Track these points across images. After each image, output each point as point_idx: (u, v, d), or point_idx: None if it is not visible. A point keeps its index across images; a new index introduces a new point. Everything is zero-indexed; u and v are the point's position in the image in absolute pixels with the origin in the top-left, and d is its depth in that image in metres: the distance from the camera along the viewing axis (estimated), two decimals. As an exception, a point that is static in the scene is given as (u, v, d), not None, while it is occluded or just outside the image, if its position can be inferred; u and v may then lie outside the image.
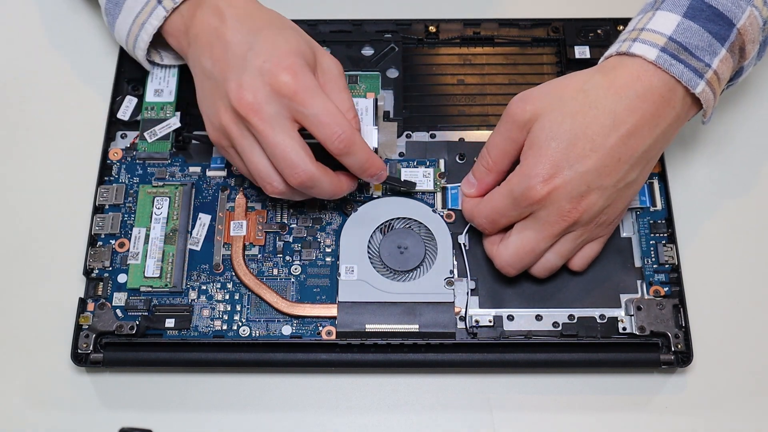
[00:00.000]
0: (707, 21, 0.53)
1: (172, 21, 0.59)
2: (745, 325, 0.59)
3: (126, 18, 0.60)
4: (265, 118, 0.52)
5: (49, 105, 0.67)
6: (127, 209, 0.61)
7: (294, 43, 0.54)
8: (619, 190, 0.54)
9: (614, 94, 0.52)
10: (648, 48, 0.53)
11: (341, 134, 0.53)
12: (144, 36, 0.60)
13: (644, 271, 0.59)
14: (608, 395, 0.57)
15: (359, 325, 0.57)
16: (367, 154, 0.55)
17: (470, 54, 0.68)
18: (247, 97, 0.52)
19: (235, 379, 0.58)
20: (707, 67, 0.53)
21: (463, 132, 0.64)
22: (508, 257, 0.55)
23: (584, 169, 0.52)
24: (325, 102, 0.53)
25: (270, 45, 0.54)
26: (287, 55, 0.53)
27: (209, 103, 0.56)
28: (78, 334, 0.57)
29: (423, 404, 0.57)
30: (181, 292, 0.59)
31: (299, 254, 0.60)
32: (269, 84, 0.52)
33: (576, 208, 0.52)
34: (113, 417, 0.56)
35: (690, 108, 0.55)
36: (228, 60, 0.54)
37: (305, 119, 0.53)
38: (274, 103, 0.53)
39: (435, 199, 0.62)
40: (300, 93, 0.52)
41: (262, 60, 0.53)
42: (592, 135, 0.52)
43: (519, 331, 0.57)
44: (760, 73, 0.68)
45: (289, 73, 0.52)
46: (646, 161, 0.54)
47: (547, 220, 0.53)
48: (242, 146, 0.54)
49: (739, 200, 0.63)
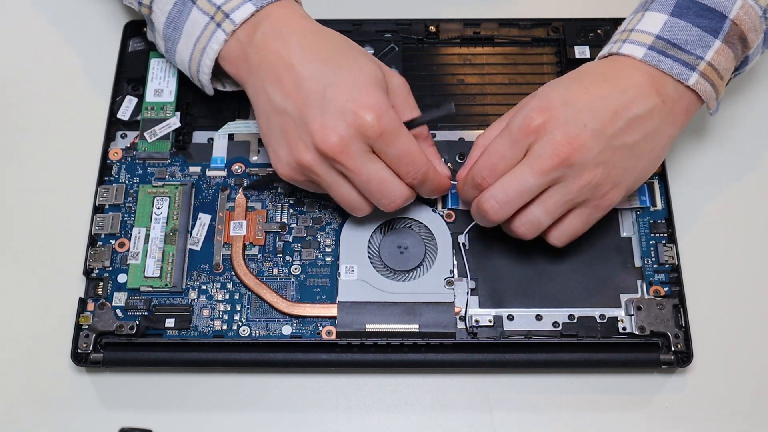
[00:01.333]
0: (695, 16, 0.55)
1: (229, 47, 0.57)
2: (745, 325, 0.59)
3: (187, 43, 0.58)
4: (353, 157, 0.53)
5: (49, 105, 0.67)
6: (127, 209, 0.61)
7: (370, 74, 0.54)
8: (615, 150, 0.53)
9: (604, 66, 0.56)
10: (636, 47, 0.55)
11: (417, 173, 0.54)
12: (206, 61, 0.58)
13: (644, 271, 0.59)
14: (608, 395, 0.57)
15: (359, 325, 0.57)
16: (437, 182, 0.56)
17: (470, 54, 0.68)
18: (333, 139, 0.52)
19: (235, 379, 0.58)
20: (699, 60, 0.55)
21: (463, 132, 0.64)
22: (495, 190, 0.53)
23: (579, 105, 0.53)
24: (406, 142, 0.53)
25: (350, 81, 0.53)
26: (368, 92, 0.53)
27: (283, 140, 0.54)
28: (78, 334, 0.57)
29: (423, 404, 0.57)
30: (181, 292, 0.59)
31: (299, 254, 0.60)
32: (354, 126, 0.52)
33: (570, 143, 0.52)
34: (113, 417, 0.56)
35: (685, 95, 0.55)
36: (305, 97, 0.53)
37: (386, 157, 0.54)
38: (360, 143, 0.53)
39: (435, 199, 0.62)
40: (385, 135, 0.52)
41: (344, 99, 0.52)
42: (586, 85, 0.54)
43: (519, 331, 0.57)
44: (759, 73, 0.68)
45: (374, 113, 0.52)
46: (644, 131, 0.54)
47: (541, 153, 0.52)
48: (328, 182, 0.55)
49: (739, 200, 0.63)
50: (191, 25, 0.58)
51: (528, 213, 0.54)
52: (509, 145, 0.53)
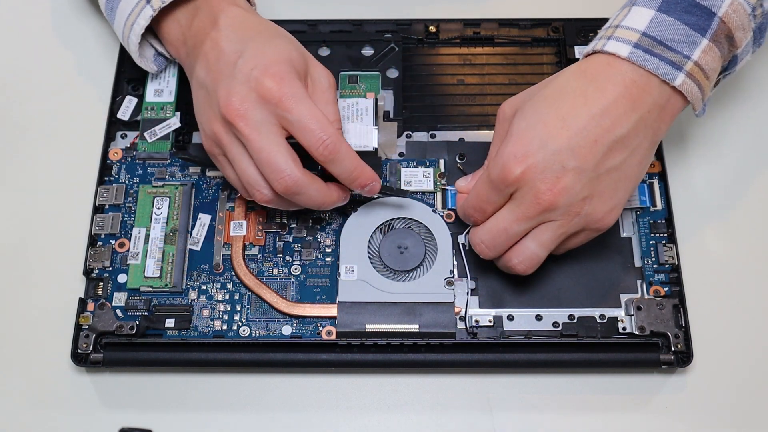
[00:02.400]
0: (683, 12, 0.53)
1: (171, 30, 0.59)
2: (745, 325, 0.59)
3: (119, 21, 0.61)
4: (251, 123, 0.53)
5: (49, 105, 0.67)
6: (127, 209, 0.61)
7: (284, 51, 0.55)
8: (600, 177, 0.52)
9: (583, 79, 0.53)
10: (621, 45, 0.53)
11: (326, 140, 0.53)
12: (133, 38, 0.60)
13: (644, 271, 0.59)
14: (608, 395, 0.57)
15: (359, 325, 0.57)
16: (354, 162, 0.55)
17: (470, 54, 0.68)
18: (234, 103, 0.53)
19: (235, 379, 0.58)
20: (686, 59, 0.52)
21: (463, 132, 0.64)
22: (483, 234, 0.54)
23: (556, 147, 0.51)
24: (310, 108, 0.53)
25: (259, 52, 0.54)
26: (275, 63, 0.54)
27: (202, 112, 0.56)
28: (78, 334, 0.57)
29: (423, 404, 0.57)
30: (181, 292, 0.59)
31: (299, 254, 0.60)
32: (255, 90, 0.53)
33: (551, 189, 0.51)
34: (113, 417, 0.56)
35: (672, 97, 0.53)
36: (220, 68, 0.54)
37: (290, 125, 0.53)
38: (261, 109, 0.53)
39: (435, 199, 0.62)
40: (285, 99, 0.53)
41: (250, 67, 0.53)
42: (563, 114, 0.52)
43: (519, 331, 0.57)
44: (760, 73, 0.68)
45: (275, 79, 0.53)
46: (628, 149, 0.52)
47: (522, 201, 0.52)
48: (232, 154, 0.54)
49: (739, 200, 0.63)
50: (125, 2, 0.60)
51: (524, 248, 0.54)
52: (491, 191, 0.53)
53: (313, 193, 0.54)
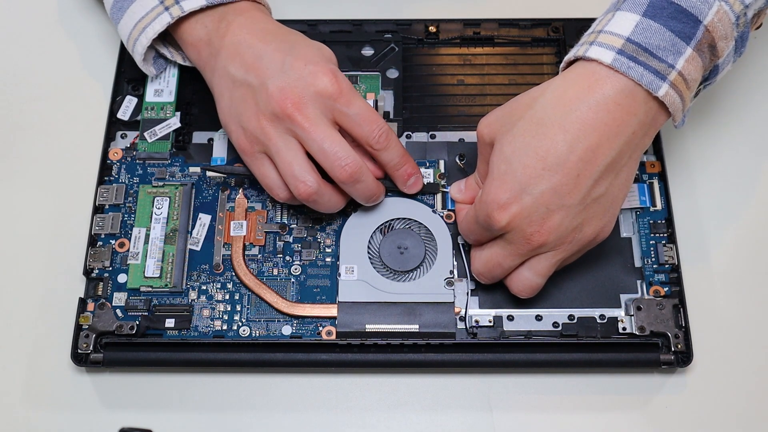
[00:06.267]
0: (669, 18, 0.50)
1: (195, 31, 0.60)
2: (745, 325, 0.59)
3: (128, 22, 0.60)
4: (310, 116, 0.54)
5: (49, 105, 0.67)
6: (127, 209, 0.61)
7: (324, 51, 0.58)
8: (588, 207, 0.51)
9: (563, 107, 0.50)
10: (604, 51, 0.50)
11: (383, 129, 0.56)
12: (143, 40, 0.60)
13: (644, 271, 0.59)
14: (608, 395, 0.57)
15: (359, 325, 0.57)
16: (402, 150, 0.58)
17: (470, 54, 0.68)
18: (292, 97, 0.54)
19: (235, 379, 0.58)
20: (670, 68, 0.50)
21: (463, 132, 0.64)
22: (479, 266, 0.56)
23: (539, 191, 0.50)
24: (364, 102, 0.56)
25: (306, 50, 0.56)
26: (324, 60, 0.56)
27: (240, 110, 0.56)
28: (78, 334, 0.57)
29: (423, 404, 0.57)
30: (181, 292, 0.59)
31: (299, 254, 0.60)
32: (313, 85, 0.55)
33: (539, 231, 0.51)
34: (113, 417, 0.56)
35: (657, 112, 0.52)
36: (265, 66, 0.56)
37: (347, 118, 0.55)
38: (317, 103, 0.55)
39: (435, 199, 0.62)
40: (344, 93, 0.55)
41: (302, 65, 0.55)
42: (543, 154, 0.50)
43: (519, 331, 0.57)
44: (760, 73, 0.68)
45: (329, 75, 0.55)
46: (614, 173, 0.51)
47: (513, 242, 0.52)
48: (277, 146, 0.55)
49: (739, 200, 0.63)
50: (138, 5, 0.60)
51: (522, 278, 0.55)
52: (480, 230, 0.54)
53: (370, 182, 0.57)
